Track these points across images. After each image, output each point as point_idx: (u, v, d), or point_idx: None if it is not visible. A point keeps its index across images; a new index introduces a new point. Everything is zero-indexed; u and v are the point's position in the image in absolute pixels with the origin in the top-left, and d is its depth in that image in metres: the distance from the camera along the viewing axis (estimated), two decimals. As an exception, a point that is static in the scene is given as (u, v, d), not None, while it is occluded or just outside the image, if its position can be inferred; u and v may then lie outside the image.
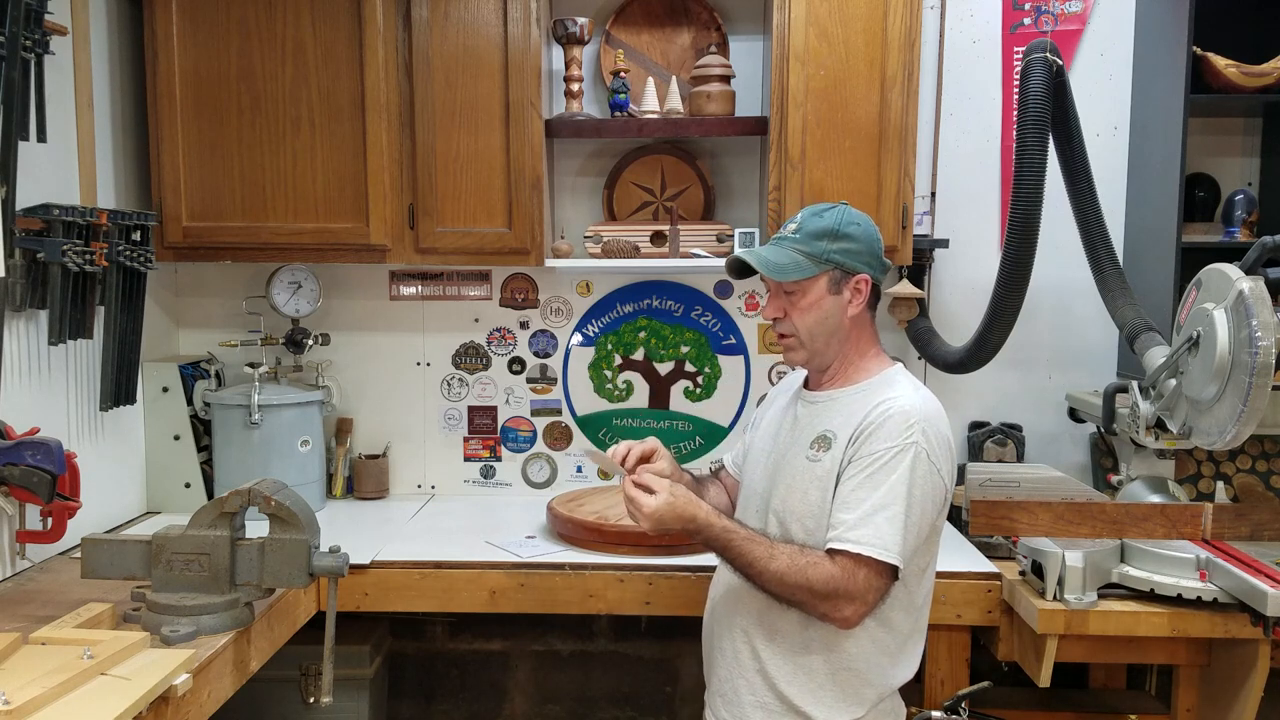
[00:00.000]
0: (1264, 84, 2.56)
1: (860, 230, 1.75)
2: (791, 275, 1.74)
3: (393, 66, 2.60)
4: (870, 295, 1.77)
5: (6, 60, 2.00)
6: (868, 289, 1.76)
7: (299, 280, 2.90)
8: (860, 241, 1.74)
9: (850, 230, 1.74)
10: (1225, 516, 2.12)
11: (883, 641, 1.71)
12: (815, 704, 1.72)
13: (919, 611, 1.76)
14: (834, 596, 1.62)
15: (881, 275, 1.79)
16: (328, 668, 1.90)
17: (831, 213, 1.76)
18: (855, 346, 1.80)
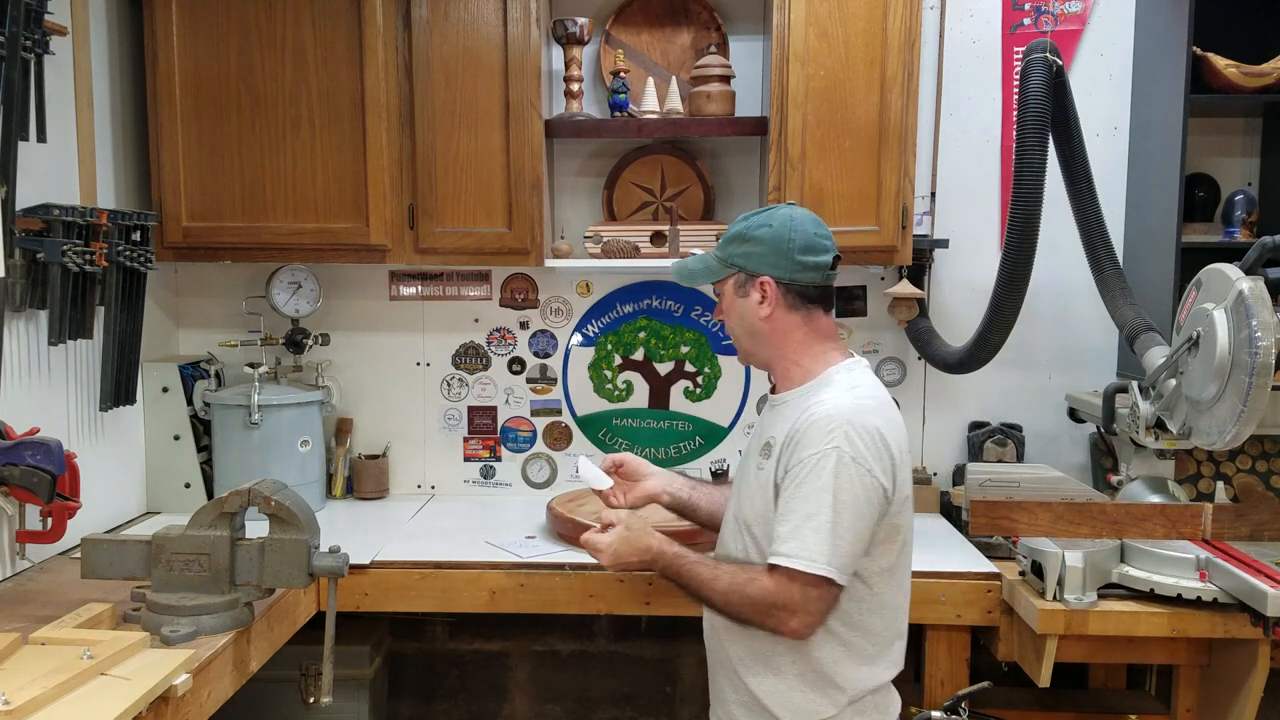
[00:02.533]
0: (1264, 84, 2.56)
1: (770, 233, 1.74)
2: (697, 280, 1.84)
3: (393, 66, 2.60)
4: (788, 295, 1.75)
5: (6, 60, 2.00)
6: (773, 290, 1.74)
7: (299, 280, 2.90)
8: (765, 244, 1.74)
9: (758, 233, 1.75)
10: (1225, 516, 2.12)
11: (856, 645, 1.69)
12: (783, 705, 1.71)
13: (893, 612, 1.73)
14: (775, 610, 1.63)
15: (795, 276, 1.74)
16: (328, 668, 1.90)
17: (758, 216, 1.77)
18: (785, 348, 1.78)
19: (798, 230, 1.73)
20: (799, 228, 1.74)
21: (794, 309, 1.75)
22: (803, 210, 1.79)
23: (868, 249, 2.60)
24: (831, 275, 1.77)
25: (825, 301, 1.78)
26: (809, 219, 1.77)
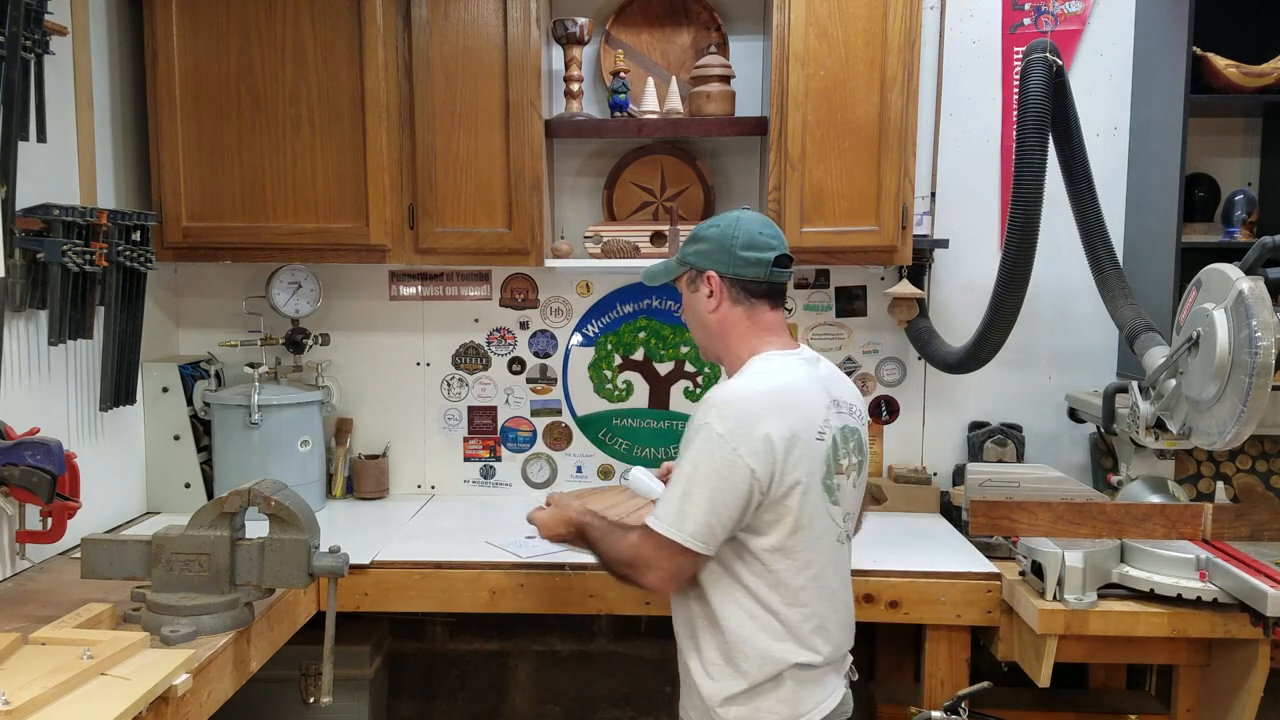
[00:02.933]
0: (1264, 84, 2.56)
1: (716, 231, 1.84)
2: (658, 279, 2.00)
3: (393, 66, 2.60)
4: (733, 289, 1.82)
5: (6, 60, 2.01)
6: (717, 284, 1.83)
7: (299, 280, 2.90)
8: (712, 241, 1.84)
9: (707, 233, 1.86)
10: (1225, 516, 2.12)
11: (760, 618, 1.74)
12: (704, 676, 1.78)
13: (795, 592, 1.74)
14: (633, 564, 1.77)
15: (738, 271, 1.81)
16: (328, 668, 1.90)
17: (713, 218, 1.89)
18: (729, 340, 1.86)
19: (741, 229, 1.82)
20: (743, 227, 1.83)
21: (738, 303, 1.83)
22: (754, 214, 1.87)
23: (868, 249, 2.60)
24: (777, 273, 1.83)
25: (771, 297, 1.85)
26: (756, 220, 1.85)
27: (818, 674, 1.77)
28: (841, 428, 1.81)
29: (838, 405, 1.82)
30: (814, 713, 1.76)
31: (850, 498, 1.84)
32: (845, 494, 1.81)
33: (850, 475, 1.83)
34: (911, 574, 2.31)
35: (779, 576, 1.73)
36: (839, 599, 1.82)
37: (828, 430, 1.76)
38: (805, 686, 1.76)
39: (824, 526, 1.76)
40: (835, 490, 1.77)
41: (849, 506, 1.83)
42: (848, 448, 1.81)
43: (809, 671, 1.76)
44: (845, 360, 2.99)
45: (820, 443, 1.74)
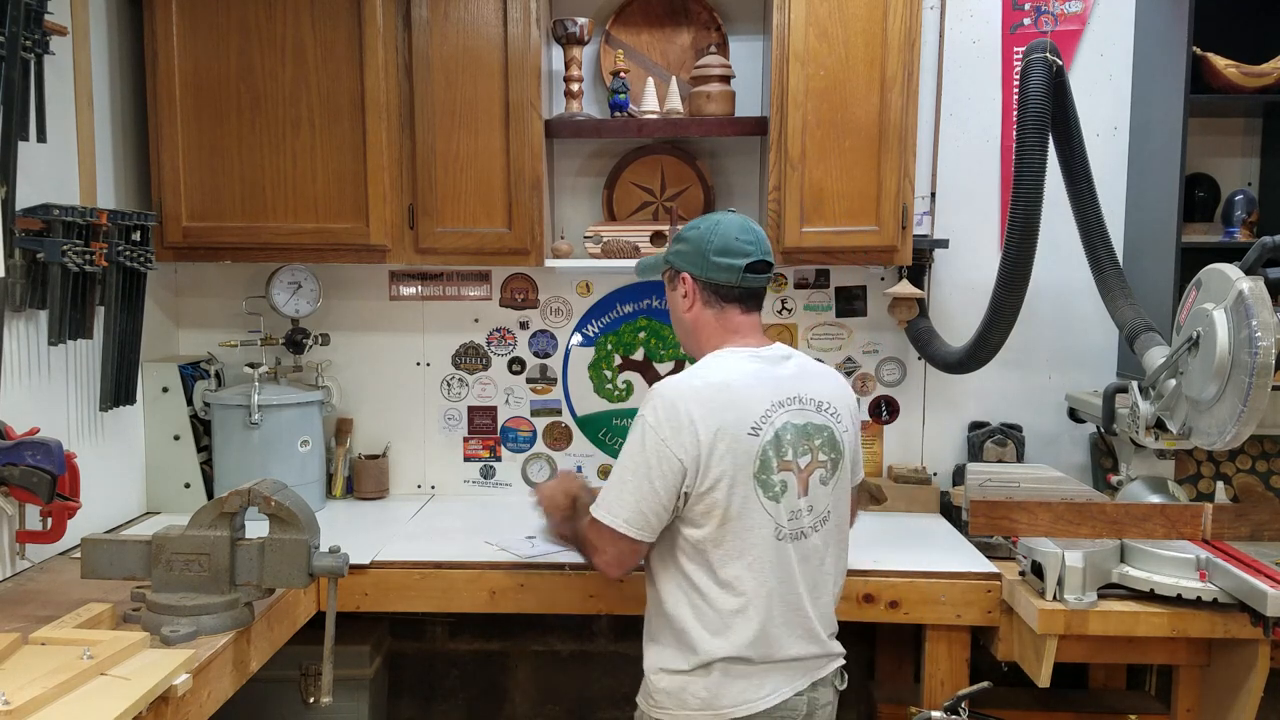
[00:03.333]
0: (1264, 84, 2.56)
1: (695, 234, 1.90)
2: (647, 274, 2.09)
3: (393, 67, 2.60)
4: (705, 292, 1.89)
5: (6, 60, 2.01)
6: (691, 286, 1.90)
7: (299, 280, 2.90)
8: (690, 244, 1.90)
9: (687, 234, 1.92)
10: (1225, 516, 2.12)
11: (699, 608, 1.79)
12: (653, 652, 1.88)
13: (729, 585, 1.78)
14: (586, 546, 1.90)
15: (710, 275, 1.87)
16: (328, 668, 1.90)
17: (698, 219, 1.94)
18: (700, 340, 1.94)
19: (718, 234, 1.88)
20: (721, 231, 1.88)
21: (709, 305, 1.90)
22: (736, 218, 1.91)
23: (868, 249, 2.60)
24: (749, 279, 1.88)
25: (744, 301, 1.91)
26: (736, 225, 1.89)
27: (750, 671, 1.79)
28: (799, 424, 1.83)
29: (799, 402, 1.84)
30: (738, 709, 1.78)
31: (818, 494, 1.84)
32: (793, 491, 1.81)
33: (816, 473, 1.84)
34: (911, 574, 2.31)
35: (712, 567, 1.79)
36: (788, 601, 1.81)
37: (765, 426, 1.79)
38: (734, 681, 1.78)
39: (757, 521, 1.78)
40: (774, 487, 1.79)
41: (803, 504, 1.83)
42: (809, 445, 1.83)
43: (739, 666, 1.78)
44: (845, 360, 2.99)
45: (753, 438, 1.77)
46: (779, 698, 1.80)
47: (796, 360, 1.91)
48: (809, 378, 1.89)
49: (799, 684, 1.83)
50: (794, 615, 1.82)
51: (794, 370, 1.88)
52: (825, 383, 1.92)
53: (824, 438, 1.86)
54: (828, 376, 1.95)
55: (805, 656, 1.84)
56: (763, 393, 1.81)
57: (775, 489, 1.79)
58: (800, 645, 1.83)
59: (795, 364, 1.90)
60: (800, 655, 1.83)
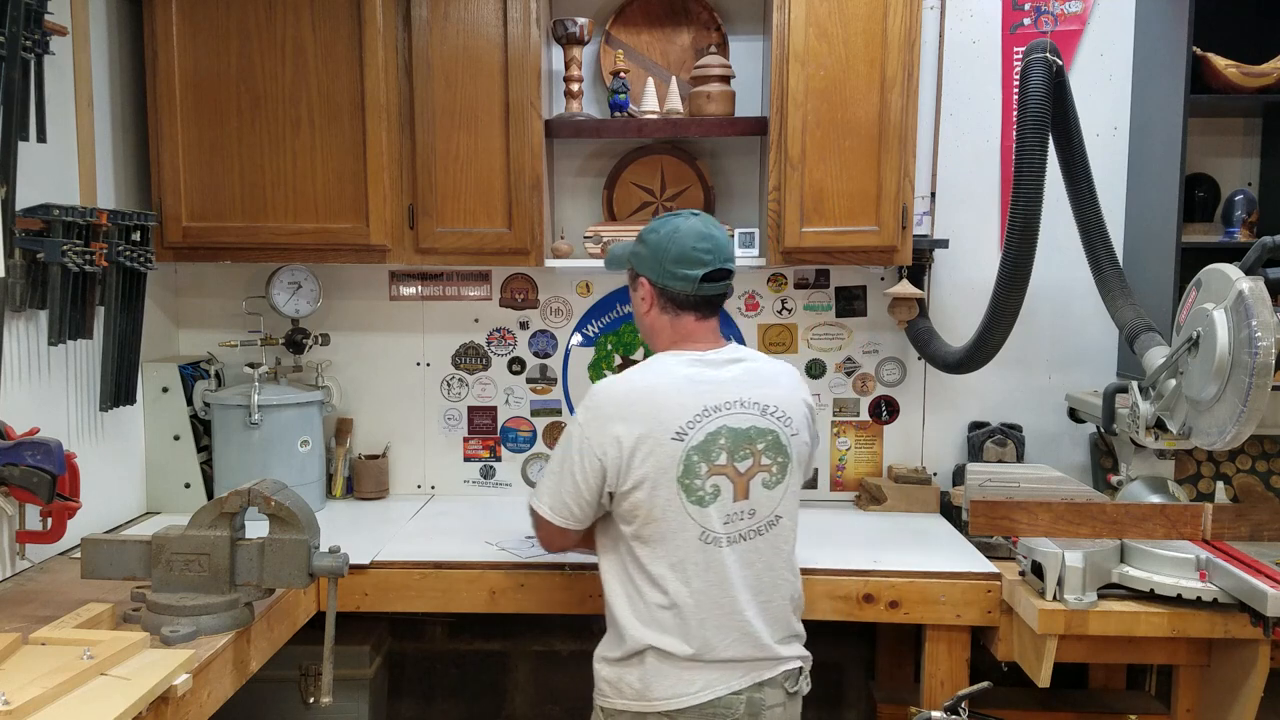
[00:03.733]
0: (1264, 84, 2.56)
1: (654, 239, 1.92)
2: (611, 265, 2.08)
3: (393, 67, 2.60)
4: (661, 298, 1.93)
5: (6, 60, 2.00)
6: (649, 293, 1.94)
7: (299, 280, 2.90)
8: (649, 249, 1.93)
9: (648, 238, 1.94)
10: (1225, 516, 2.12)
11: (631, 597, 1.85)
12: (600, 641, 1.93)
13: (656, 581, 1.82)
14: (533, 524, 1.99)
15: (666, 283, 1.90)
16: (328, 668, 1.90)
17: (658, 221, 1.95)
18: (656, 343, 1.98)
19: (676, 242, 1.89)
20: (679, 239, 1.89)
21: (665, 311, 1.94)
22: (695, 223, 1.92)
23: (868, 249, 2.60)
24: (706, 288, 1.90)
25: (700, 309, 1.93)
26: (694, 233, 1.90)
27: (681, 666, 1.81)
28: (739, 428, 1.84)
29: (740, 405, 1.85)
30: (669, 701, 1.80)
31: (761, 499, 1.86)
32: (727, 496, 1.83)
33: (758, 476, 1.86)
34: (911, 574, 2.31)
35: (641, 561, 1.84)
36: (720, 604, 1.82)
37: (693, 431, 1.81)
38: (665, 673, 1.80)
39: (679, 524, 1.81)
40: (699, 491, 1.81)
41: (742, 507, 1.84)
42: (750, 449, 1.85)
43: (669, 660, 1.80)
44: (845, 360, 2.99)
45: (676, 443, 1.80)
46: (712, 694, 1.81)
47: (746, 364, 1.92)
48: (757, 381, 1.90)
49: (737, 683, 1.83)
50: (728, 619, 1.83)
51: (739, 373, 1.89)
52: (775, 387, 1.92)
53: (768, 441, 1.87)
54: (779, 380, 1.95)
55: (743, 659, 1.84)
56: (694, 398, 1.83)
57: (701, 493, 1.81)
58: (736, 648, 1.83)
59: (743, 367, 1.91)
60: (737, 657, 1.83)
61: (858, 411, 3.01)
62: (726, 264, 1.91)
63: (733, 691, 1.82)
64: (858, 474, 3.02)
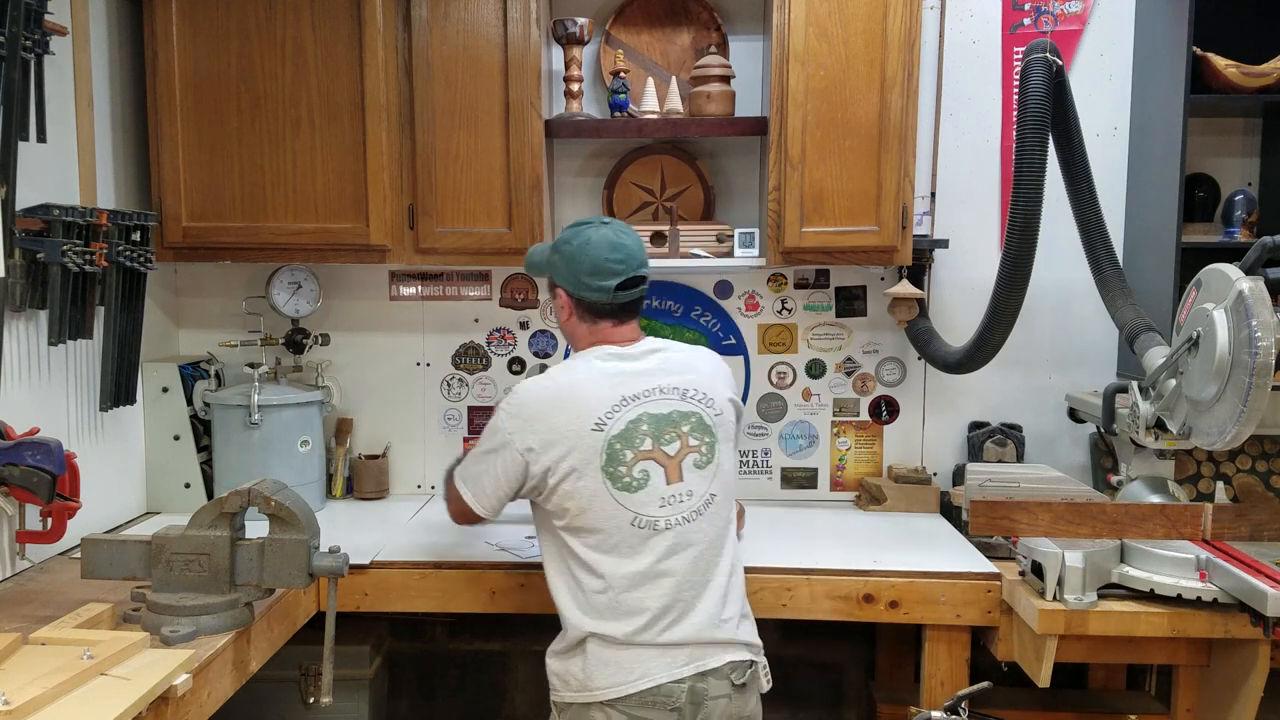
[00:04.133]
0: (1264, 84, 2.56)
1: (568, 251, 1.98)
2: (530, 270, 2.15)
3: (393, 67, 2.60)
4: (579, 308, 2.00)
5: (6, 60, 2.01)
6: (566, 302, 2.01)
7: (299, 280, 2.90)
8: (564, 260, 1.99)
9: (562, 249, 2.00)
10: (1225, 516, 2.12)
11: (571, 586, 1.90)
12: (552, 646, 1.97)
13: (592, 567, 1.87)
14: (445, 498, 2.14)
15: (582, 294, 1.97)
16: (328, 668, 1.90)
17: (571, 230, 2.00)
18: (575, 349, 2.05)
19: (588, 254, 1.95)
20: (591, 252, 1.95)
21: (583, 319, 2.01)
22: (605, 233, 1.97)
23: (868, 249, 2.60)
24: (621, 296, 1.97)
25: (617, 315, 2.00)
26: (605, 243, 1.95)
27: (621, 653, 1.83)
28: (660, 414, 1.91)
29: (659, 392, 1.93)
30: (608, 690, 1.83)
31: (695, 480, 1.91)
32: (659, 479, 1.88)
33: (689, 458, 1.92)
34: (911, 574, 2.31)
35: (576, 552, 1.89)
36: (661, 586, 1.86)
37: (612, 421, 1.89)
38: (604, 662, 1.83)
39: (609, 512, 1.87)
40: (626, 477, 1.87)
41: (677, 490, 1.89)
42: (676, 431, 1.92)
43: (609, 647, 1.83)
44: (845, 360, 2.99)
45: (597, 433, 1.88)
46: (651, 682, 1.82)
47: (663, 353, 2.00)
48: (675, 368, 1.98)
49: (680, 671, 1.83)
50: (666, 599, 1.86)
51: (657, 363, 1.98)
52: (693, 372, 2.00)
53: (692, 423, 1.94)
54: (698, 365, 2.03)
55: (683, 642, 1.85)
56: (611, 389, 1.91)
57: (628, 479, 1.88)
58: (677, 630, 1.85)
59: (660, 357, 1.99)
60: (677, 640, 1.85)
61: (858, 411, 3.01)
62: (639, 271, 1.98)
63: (674, 680, 1.83)
64: (858, 474, 3.02)
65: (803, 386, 3.01)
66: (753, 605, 2.30)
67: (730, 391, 2.05)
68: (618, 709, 1.82)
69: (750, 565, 2.35)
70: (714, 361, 2.08)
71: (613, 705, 1.82)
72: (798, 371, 3.01)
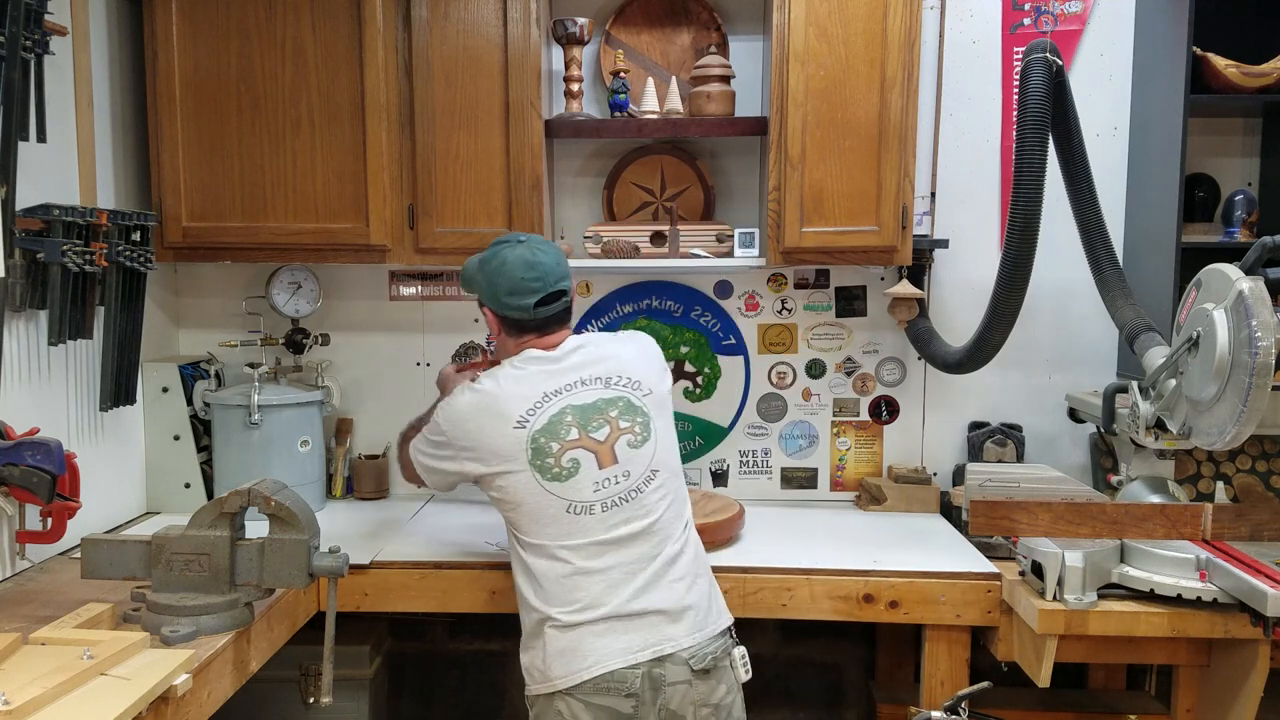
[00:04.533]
0: (1264, 84, 2.56)
1: (488, 271, 2.08)
2: (462, 287, 2.24)
3: (393, 67, 2.60)
4: (504, 324, 2.10)
5: (6, 60, 2.01)
6: (492, 320, 2.12)
7: (299, 280, 2.90)
8: (485, 281, 2.09)
9: (483, 268, 2.10)
10: (1225, 516, 2.12)
11: (527, 576, 1.99)
12: None
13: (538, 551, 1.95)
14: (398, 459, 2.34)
15: (506, 313, 2.07)
16: (328, 668, 1.90)
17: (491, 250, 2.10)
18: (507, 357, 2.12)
19: (505, 276, 2.05)
20: (507, 273, 2.05)
21: (510, 334, 2.11)
22: (521, 251, 2.06)
23: (868, 249, 2.60)
24: (542, 311, 2.06)
25: (541, 328, 2.09)
26: (520, 263, 2.04)
27: (577, 638, 1.87)
28: (584, 404, 2.00)
29: (581, 384, 2.02)
30: (565, 679, 1.87)
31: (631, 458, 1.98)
32: (591, 465, 1.96)
33: (622, 439, 1.98)
34: (911, 574, 2.31)
35: (523, 541, 1.99)
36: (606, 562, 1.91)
37: (535, 417, 1.98)
38: (560, 650, 1.89)
39: (542, 503, 1.95)
40: (555, 468, 1.95)
41: (613, 472, 1.96)
42: (603, 418, 1.99)
43: (564, 632, 1.89)
44: (845, 360, 2.99)
45: (520, 430, 1.97)
46: (604, 667, 1.85)
47: (585, 348, 2.09)
48: (595, 359, 2.07)
49: (635, 657, 1.85)
50: (617, 581, 1.90)
51: (580, 358, 2.06)
52: (614, 359, 2.09)
53: (620, 407, 2.02)
54: (619, 352, 2.12)
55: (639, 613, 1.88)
56: (533, 388, 2.01)
57: (557, 470, 1.95)
58: (631, 608, 1.88)
59: (582, 352, 2.08)
60: (632, 612, 1.88)
61: (858, 411, 3.01)
62: (558, 286, 2.06)
63: (628, 665, 1.84)
64: (858, 474, 3.02)
65: (803, 386, 3.01)
66: (753, 605, 2.32)
67: (657, 368, 2.15)
68: (576, 697, 1.86)
69: (750, 565, 2.36)
70: (636, 344, 2.17)
71: (571, 695, 1.86)
72: (798, 371, 3.01)
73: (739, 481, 3.05)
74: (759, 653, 3.07)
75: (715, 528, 2.46)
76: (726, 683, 1.94)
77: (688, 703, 1.87)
